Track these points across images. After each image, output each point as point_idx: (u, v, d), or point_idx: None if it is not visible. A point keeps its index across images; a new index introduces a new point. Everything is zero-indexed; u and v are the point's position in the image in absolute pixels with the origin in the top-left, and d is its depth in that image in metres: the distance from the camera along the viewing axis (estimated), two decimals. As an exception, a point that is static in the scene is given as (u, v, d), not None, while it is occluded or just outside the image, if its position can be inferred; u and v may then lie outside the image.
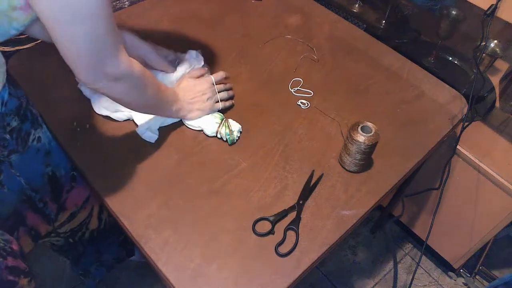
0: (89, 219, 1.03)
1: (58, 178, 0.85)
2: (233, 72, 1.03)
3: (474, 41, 1.02)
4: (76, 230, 1.02)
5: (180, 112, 0.86)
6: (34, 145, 0.77)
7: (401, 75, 1.10)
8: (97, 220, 1.07)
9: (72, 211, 0.95)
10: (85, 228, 1.04)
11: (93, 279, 1.26)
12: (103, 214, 1.08)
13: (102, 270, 1.28)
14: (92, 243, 1.12)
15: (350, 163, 0.84)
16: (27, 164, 0.76)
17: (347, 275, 1.49)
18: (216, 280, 0.68)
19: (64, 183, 0.87)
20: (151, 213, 0.76)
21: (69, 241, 1.06)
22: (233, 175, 0.83)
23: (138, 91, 0.70)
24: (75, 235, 1.04)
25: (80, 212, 0.97)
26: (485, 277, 1.48)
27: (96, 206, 1.03)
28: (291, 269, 0.71)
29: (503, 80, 1.11)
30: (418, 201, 1.43)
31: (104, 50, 0.58)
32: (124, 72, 0.63)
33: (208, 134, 0.88)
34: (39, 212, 0.85)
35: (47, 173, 0.82)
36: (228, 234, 0.74)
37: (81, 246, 1.11)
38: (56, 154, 0.83)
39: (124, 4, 1.18)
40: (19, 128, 0.72)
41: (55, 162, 0.83)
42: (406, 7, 1.28)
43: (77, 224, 1.00)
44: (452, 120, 1.00)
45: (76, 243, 1.08)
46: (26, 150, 0.75)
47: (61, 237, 1.02)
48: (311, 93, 1.01)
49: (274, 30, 1.18)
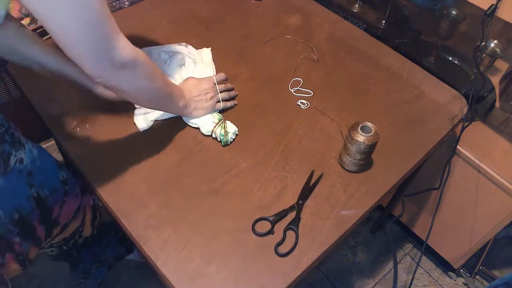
0: (82, 228, 1.02)
1: (44, 199, 0.81)
2: (233, 72, 1.03)
3: (474, 41, 1.02)
4: (68, 238, 1.00)
5: (186, 109, 0.86)
6: (17, 167, 0.73)
7: (401, 75, 1.10)
8: (91, 228, 1.06)
9: (63, 224, 0.92)
10: (78, 236, 1.03)
11: (94, 280, 1.26)
12: (96, 221, 1.07)
13: (103, 270, 1.28)
14: (86, 247, 1.11)
15: (349, 163, 0.84)
16: (12, 188, 0.73)
17: (347, 275, 1.49)
18: (216, 280, 0.68)
19: (51, 203, 0.83)
20: (151, 213, 0.76)
21: (63, 248, 1.04)
22: (233, 175, 0.83)
23: (146, 81, 0.69)
24: (68, 242, 1.03)
25: (71, 223, 0.95)
26: (485, 277, 1.48)
27: (88, 214, 1.02)
28: (290, 269, 0.71)
29: (503, 80, 1.11)
30: (418, 201, 1.43)
31: (104, 36, 0.57)
32: (129, 57, 0.62)
33: (204, 133, 0.88)
34: (28, 238, 0.80)
35: (33, 195, 0.78)
36: (228, 234, 0.74)
37: (76, 252, 1.09)
38: (38, 174, 0.79)
39: (124, 4, 1.18)
40: None
41: (37, 183, 0.79)
42: (406, 7, 1.28)
43: (70, 234, 0.99)
44: (452, 120, 1.00)
45: (70, 249, 1.06)
46: (9, 172, 0.71)
47: (54, 247, 1.01)
48: (311, 93, 1.01)
49: (274, 30, 1.18)
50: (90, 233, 1.07)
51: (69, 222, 0.94)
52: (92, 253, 1.17)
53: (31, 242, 0.81)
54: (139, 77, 0.67)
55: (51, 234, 0.89)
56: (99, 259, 1.22)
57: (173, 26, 1.14)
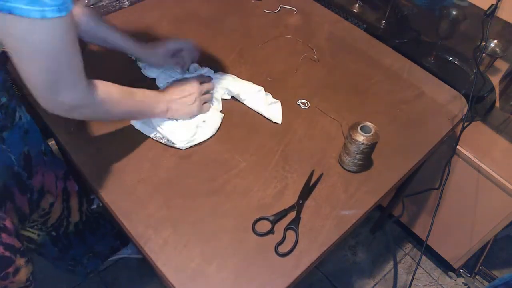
0: (68, 212, 1.04)
1: (31, 158, 0.86)
2: (233, 72, 1.03)
3: (474, 41, 1.02)
4: (57, 225, 1.04)
5: (168, 113, 0.84)
6: (18, 123, 0.79)
7: (401, 75, 1.10)
8: (78, 213, 1.08)
9: (51, 201, 0.96)
10: (66, 221, 1.06)
11: (84, 268, 1.26)
12: (83, 206, 1.09)
13: (96, 261, 1.28)
14: (78, 236, 1.13)
15: (349, 163, 0.84)
16: (15, 141, 0.78)
17: (347, 275, 1.49)
18: (216, 279, 0.68)
19: (35, 164, 0.88)
20: (151, 213, 0.76)
21: (52, 234, 1.06)
22: (233, 175, 0.83)
23: (102, 114, 0.72)
24: (58, 230, 1.06)
25: (56, 201, 0.98)
26: (485, 277, 1.48)
27: (74, 199, 1.04)
28: (290, 268, 0.71)
29: (503, 80, 1.11)
30: (418, 201, 1.43)
31: (58, 83, 0.59)
32: (80, 103, 0.64)
33: None
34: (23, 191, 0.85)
35: (24, 152, 0.83)
36: (228, 233, 0.74)
37: (66, 240, 1.11)
38: (32, 134, 0.85)
39: (124, 4, 1.18)
40: (7, 105, 0.75)
41: (31, 142, 0.84)
42: (406, 7, 1.28)
43: (56, 218, 1.02)
44: (452, 120, 1.00)
45: (59, 236, 1.09)
46: (14, 126, 0.78)
47: (43, 232, 1.03)
48: (311, 93, 1.01)
49: (274, 30, 1.18)
50: (79, 218, 1.09)
51: (54, 201, 0.97)
52: (85, 242, 1.18)
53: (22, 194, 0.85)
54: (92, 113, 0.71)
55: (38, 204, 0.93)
56: (92, 250, 1.22)
57: (173, 26, 1.14)
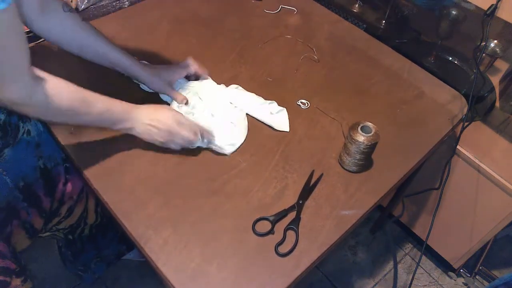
0: (86, 213, 1.04)
1: (49, 170, 0.86)
2: (233, 72, 1.03)
3: (474, 41, 1.02)
4: (75, 226, 1.03)
5: (132, 131, 0.77)
6: (24, 138, 0.78)
7: (401, 75, 1.10)
8: (94, 214, 1.07)
9: (69, 205, 0.95)
10: (83, 223, 1.05)
11: (92, 274, 1.27)
12: (99, 207, 1.09)
13: (102, 266, 1.29)
14: (91, 239, 1.13)
15: (350, 163, 0.84)
16: (20, 158, 0.78)
17: (347, 275, 1.49)
18: (216, 280, 0.68)
19: (55, 175, 0.88)
20: (151, 213, 0.75)
21: (68, 238, 1.06)
22: (233, 175, 0.83)
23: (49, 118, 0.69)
24: (75, 232, 1.05)
25: (76, 206, 0.98)
26: (485, 277, 1.48)
27: (91, 200, 1.04)
28: (290, 269, 0.71)
29: (503, 80, 1.11)
30: (418, 201, 1.43)
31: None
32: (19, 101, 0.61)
33: None
34: (33, 206, 0.85)
35: (39, 166, 0.83)
36: (228, 234, 0.74)
37: (80, 243, 1.11)
38: (46, 146, 0.84)
39: (124, 4, 1.18)
40: (8, 121, 0.74)
41: (45, 154, 0.84)
42: (406, 7, 1.28)
43: (76, 220, 1.01)
44: (452, 120, 1.00)
45: (75, 240, 1.08)
46: (17, 143, 0.77)
47: (60, 233, 1.03)
48: (311, 93, 1.01)
49: (274, 30, 1.18)
50: (94, 220, 1.08)
51: (74, 205, 0.97)
52: (96, 247, 1.18)
53: (36, 210, 0.86)
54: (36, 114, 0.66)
55: (57, 212, 0.92)
56: (100, 254, 1.22)
57: (173, 26, 1.14)
